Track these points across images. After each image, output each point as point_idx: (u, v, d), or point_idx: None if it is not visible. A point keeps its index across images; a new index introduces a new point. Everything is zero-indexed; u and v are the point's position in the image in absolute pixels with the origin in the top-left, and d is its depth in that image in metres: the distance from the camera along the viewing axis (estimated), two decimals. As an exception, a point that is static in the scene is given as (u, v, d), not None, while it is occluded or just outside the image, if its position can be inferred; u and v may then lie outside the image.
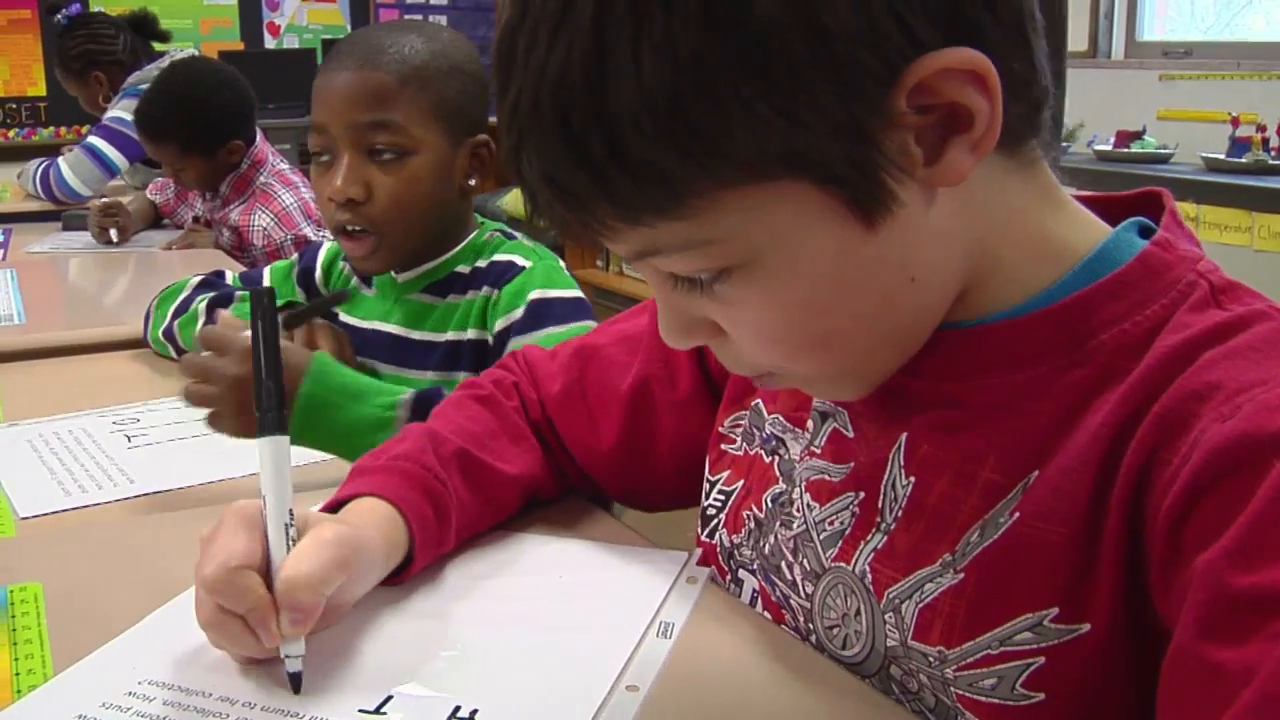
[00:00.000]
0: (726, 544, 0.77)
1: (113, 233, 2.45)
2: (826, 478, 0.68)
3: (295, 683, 0.63)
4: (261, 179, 2.42)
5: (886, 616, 0.62)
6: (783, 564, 0.71)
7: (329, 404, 1.00)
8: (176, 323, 1.39)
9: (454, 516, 0.79)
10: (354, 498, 0.76)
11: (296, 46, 6.11)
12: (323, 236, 2.42)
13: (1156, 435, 0.54)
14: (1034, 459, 0.58)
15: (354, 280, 1.37)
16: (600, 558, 0.80)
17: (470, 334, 1.24)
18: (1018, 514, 0.58)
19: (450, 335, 1.25)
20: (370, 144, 1.18)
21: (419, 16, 6.09)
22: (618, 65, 0.50)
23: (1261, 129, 3.26)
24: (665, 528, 0.97)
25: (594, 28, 0.50)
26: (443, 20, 6.29)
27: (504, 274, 1.24)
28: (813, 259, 0.55)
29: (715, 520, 0.79)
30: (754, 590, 0.75)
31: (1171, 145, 3.53)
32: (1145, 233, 0.62)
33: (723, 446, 0.80)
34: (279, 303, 1.40)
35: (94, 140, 2.93)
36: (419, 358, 1.27)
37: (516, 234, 1.32)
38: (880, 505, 0.64)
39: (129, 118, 2.65)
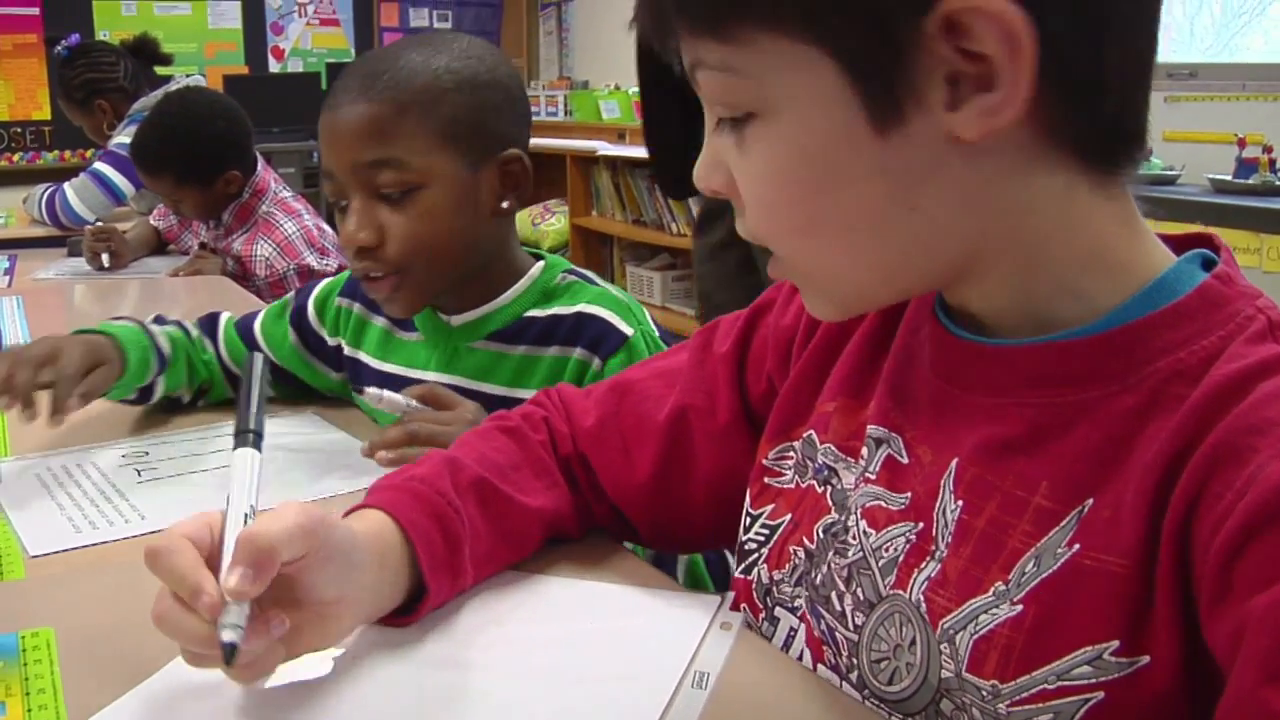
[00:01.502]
0: (765, 580, 0.75)
1: (105, 257, 2.43)
2: (883, 504, 0.67)
3: (228, 654, 0.58)
4: (264, 208, 2.41)
5: (942, 647, 0.61)
6: (833, 594, 0.69)
7: None
8: None
9: (467, 545, 0.76)
10: (360, 508, 0.74)
11: (301, 70, 6.12)
12: (325, 265, 2.41)
13: (1209, 467, 0.53)
14: (1087, 486, 0.57)
15: (376, 321, 1.28)
16: (629, 602, 0.78)
17: None
18: (1077, 545, 0.57)
19: (535, 392, 1.15)
20: (374, 184, 1.09)
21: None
22: None
23: (1268, 150, 3.24)
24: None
25: None
26: (448, 24, 6.29)
27: (604, 338, 1.13)
28: (816, 133, 0.57)
29: (755, 555, 0.77)
30: (790, 629, 0.73)
31: (1178, 167, 3.52)
32: (1207, 266, 0.61)
33: (767, 480, 0.78)
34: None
35: (100, 166, 2.93)
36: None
37: (594, 278, 1.22)
38: (934, 533, 0.63)
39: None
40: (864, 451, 0.70)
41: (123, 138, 2.88)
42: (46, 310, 2.05)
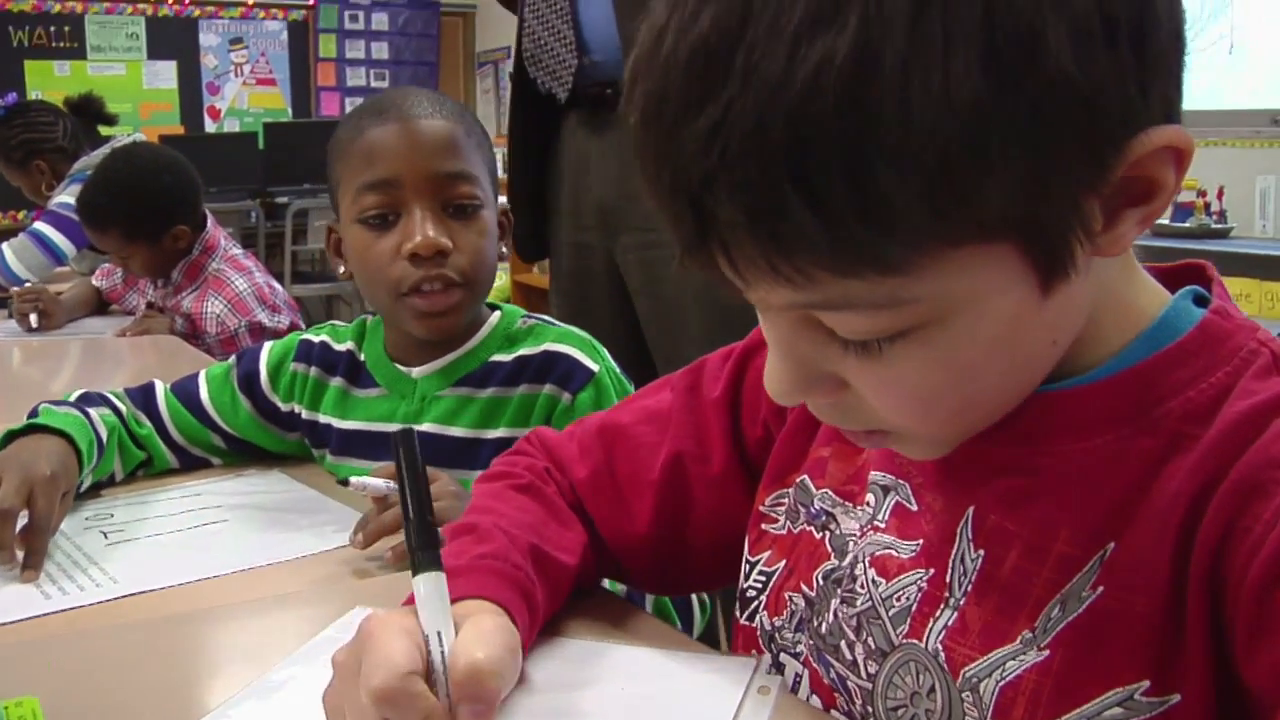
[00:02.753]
0: (767, 627, 0.74)
1: (33, 318, 2.37)
2: (893, 553, 0.66)
3: None
4: (214, 265, 2.37)
5: (964, 695, 0.60)
6: (842, 643, 0.68)
7: None
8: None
9: (540, 612, 0.75)
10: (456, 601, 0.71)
11: (238, 130, 6.08)
12: (277, 322, 2.37)
13: (1235, 503, 0.53)
14: (1108, 530, 0.57)
15: (336, 381, 1.25)
16: (661, 665, 0.74)
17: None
18: (1101, 588, 0.56)
19: (503, 431, 1.16)
20: (448, 196, 1.12)
21: (359, 98, 6.11)
22: (886, 86, 0.45)
23: (1202, 194, 3.34)
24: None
25: (861, 34, 0.45)
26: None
27: (572, 373, 1.16)
28: (993, 322, 0.53)
29: (755, 603, 0.76)
30: (796, 674, 0.71)
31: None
32: (1199, 301, 0.62)
33: (763, 526, 0.77)
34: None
35: (40, 226, 2.86)
36: (465, 456, 1.15)
37: (553, 321, 1.24)
38: (949, 579, 0.62)
39: (75, 203, 2.60)
40: (869, 498, 0.69)
41: (64, 197, 2.83)
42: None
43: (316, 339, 1.28)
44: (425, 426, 1.17)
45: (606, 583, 0.89)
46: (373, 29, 6.33)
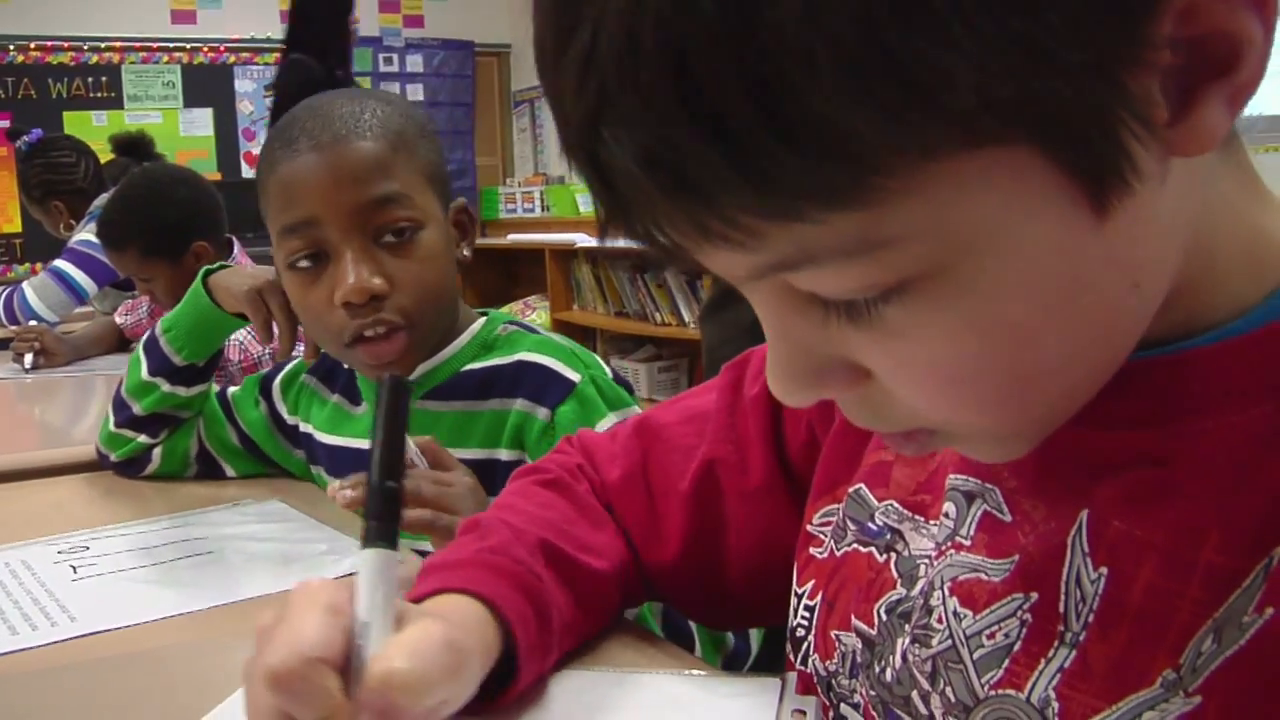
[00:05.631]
0: (821, 672, 0.61)
1: (27, 358, 2.28)
2: (982, 577, 0.51)
3: None
4: (238, 293, 2.28)
5: None
6: (914, 695, 0.54)
7: None
8: (124, 388, 1.23)
9: (555, 618, 0.63)
10: (434, 594, 0.60)
11: (274, 174, 6.06)
12: (301, 351, 2.27)
13: None
14: (1273, 532, 0.43)
15: (332, 398, 1.18)
16: (681, 691, 0.62)
17: (504, 454, 1.03)
18: (1271, 609, 0.42)
19: (477, 452, 1.04)
20: (378, 225, 0.98)
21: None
22: None
23: None
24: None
25: None
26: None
27: (547, 386, 1.02)
28: (1028, 262, 0.38)
29: (805, 643, 0.62)
30: None
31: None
32: None
33: (810, 550, 0.64)
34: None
35: (60, 264, 2.80)
36: None
37: (536, 328, 1.13)
38: (1063, 609, 0.48)
39: (96, 240, 2.53)
40: (947, 509, 0.55)
41: (84, 234, 2.77)
42: (-5, 409, 1.90)
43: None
44: None
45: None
46: (408, 71, 6.30)
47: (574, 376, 1.02)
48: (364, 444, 1.08)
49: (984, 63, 0.33)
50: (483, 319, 1.12)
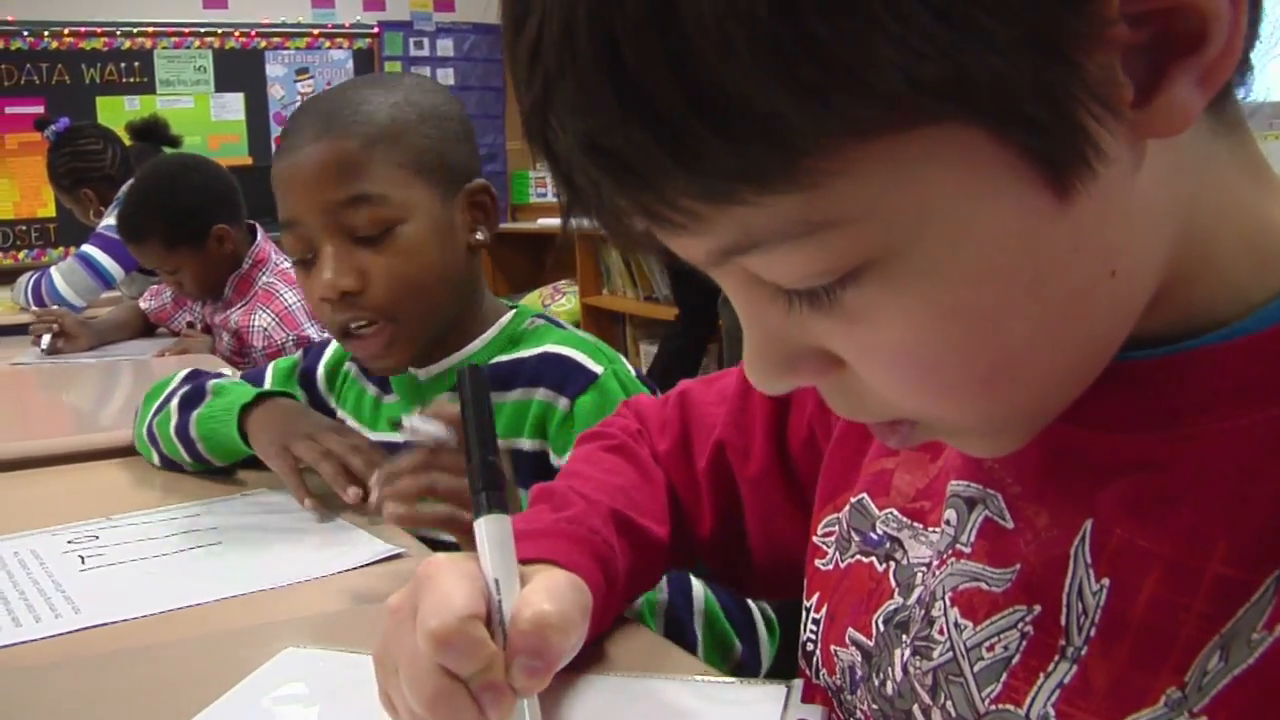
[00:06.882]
0: (830, 686, 0.59)
1: (44, 339, 2.29)
2: (983, 586, 0.49)
3: None
4: (264, 279, 2.28)
5: None
6: (915, 708, 0.51)
7: None
8: (155, 420, 1.22)
9: (621, 583, 0.67)
10: (524, 564, 0.61)
11: (305, 159, 6.07)
12: (326, 336, 2.26)
13: None
14: None
15: (369, 389, 1.18)
16: (680, 699, 0.60)
17: (526, 444, 1.04)
18: None
19: (500, 443, 1.03)
20: (351, 225, 1.00)
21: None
22: None
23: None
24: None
25: None
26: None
27: (569, 378, 1.03)
28: (985, 245, 0.37)
29: (815, 657, 0.61)
30: None
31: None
32: None
33: (816, 563, 0.63)
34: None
35: (88, 249, 2.81)
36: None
37: (564, 323, 1.13)
38: (1064, 622, 0.46)
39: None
40: (948, 515, 0.53)
41: (111, 220, 2.77)
42: (18, 395, 1.90)
43: None
44: None
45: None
46: (438, 54, 6.27)
47: (596, 369, 1.03)
48: (397, 438, 1.09)
49: (909, 42, 0.32)
50: (512, 313, 1.13)
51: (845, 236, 0.37)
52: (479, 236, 1.07)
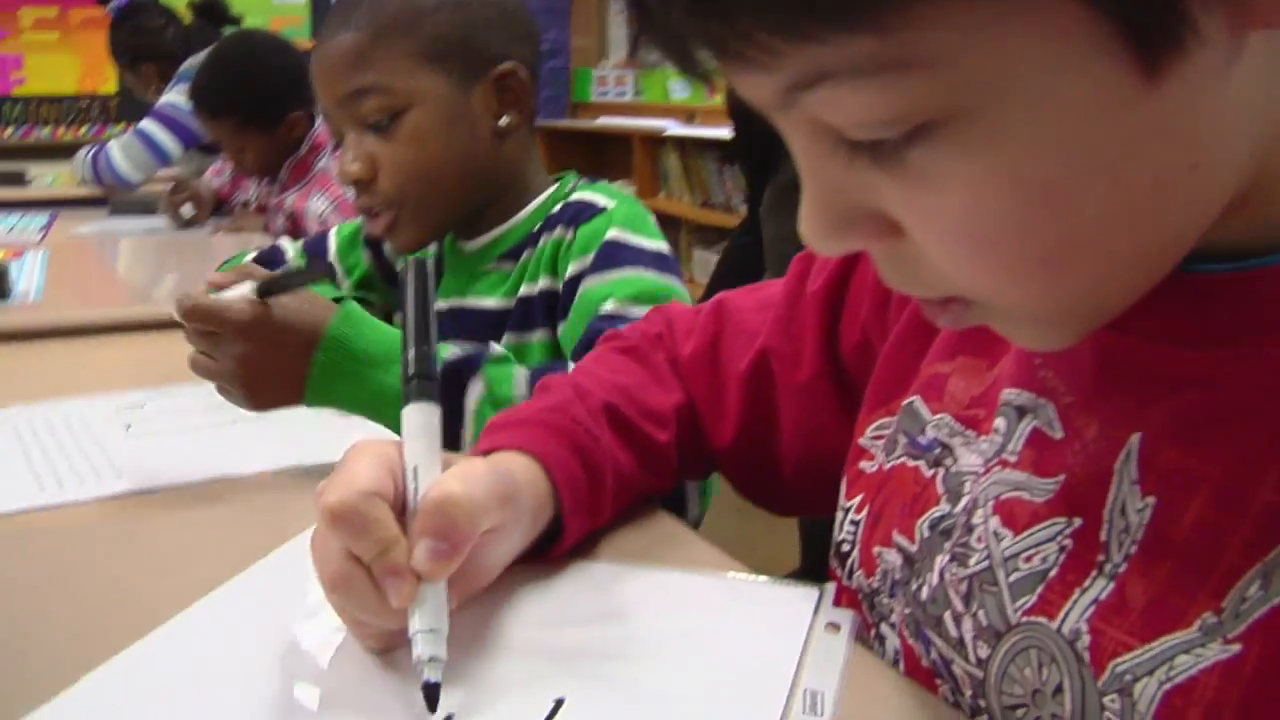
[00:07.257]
0: (865, 588, 0.57)
1: (185, 209, 2.33)
2: (1024, 496, 0.48)
3: (430, 697, 0.46)
4: (321, 163, 2.26)
5: (1108, 700, 0.42)
6: (947, 615, 0.50)
7: (347, 373, 0.84)
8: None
9: (610, 477, 0.65)
10: (490, 453, 0.61)
11: (366, 45, 6.03)
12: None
13: None
14: None
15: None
16: (709, 595, 0.59)
17: (541, 284, 1.05)
18: None
19: (521, 292, 1.07)
20: (361, 114, 1.04)
21: None
22: None
23: None
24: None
25: None
26: None
27: (579, 214, 1.05)
28: (1064, 118, 0.35)
29: (850, 559, 0.59)
30: (895, 650, 0.55)
31: None
32: None
33: (861, 464, 0.61)
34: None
35: (147, 125, 2.80)
36: (496, 328, 1.08)
37: (608, 185, 1.14)
38: (1104, 537, 0.44)
39: (183, 103, 2.52)
40: (998, 424, 0.51)
41: (171, 96, 2.77)
42: (68, 267, 1.91)
43: None
44: (466, 302, 1.12)
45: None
46: (504, -56, 6.18)
47: (607, 203, 1.05)
48: (448, 303, 1.14)
49: None
50: (556, 183, 1.13)
51: (919, 82, 0.34)
52: (503, 122, 1.06)
